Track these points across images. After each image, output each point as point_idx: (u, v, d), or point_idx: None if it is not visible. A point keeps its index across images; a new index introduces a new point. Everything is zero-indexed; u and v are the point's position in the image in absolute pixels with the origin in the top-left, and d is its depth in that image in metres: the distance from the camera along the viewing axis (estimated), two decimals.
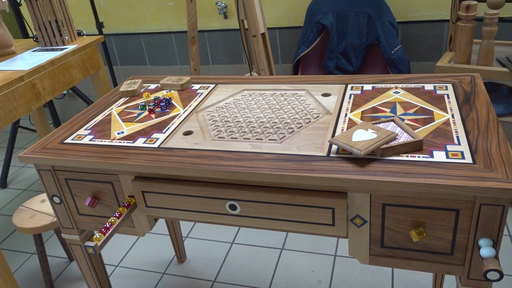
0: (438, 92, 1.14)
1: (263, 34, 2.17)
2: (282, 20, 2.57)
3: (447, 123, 0.98)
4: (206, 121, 1.15)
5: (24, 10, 2.60)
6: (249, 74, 2.36)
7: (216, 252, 1.91)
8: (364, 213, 0.90)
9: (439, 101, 1.09)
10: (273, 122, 1.09)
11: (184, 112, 1.21)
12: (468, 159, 0.85)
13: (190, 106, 1.25)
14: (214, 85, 1.38)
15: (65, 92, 3.23)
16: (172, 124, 1.15)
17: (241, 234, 2.00)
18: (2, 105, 1.58)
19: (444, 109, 1.05)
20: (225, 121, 1.13)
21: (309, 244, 1.88)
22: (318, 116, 1.10)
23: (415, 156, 0.88)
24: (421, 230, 0.86)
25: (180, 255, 1.86)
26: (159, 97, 1.31)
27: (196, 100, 1.28)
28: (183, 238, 2.01)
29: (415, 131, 0.96)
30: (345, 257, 1.79)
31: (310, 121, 1.08)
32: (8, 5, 1.91)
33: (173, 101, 1.29)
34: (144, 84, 1.45)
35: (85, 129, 1.18)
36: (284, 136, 1.02)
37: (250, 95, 1.27)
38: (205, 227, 2.07)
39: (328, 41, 2.30)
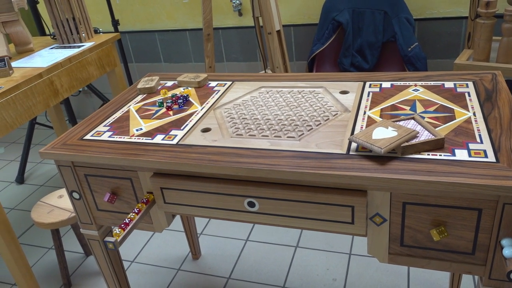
0: (459, 90, 1.12)
1: (278, 32, 2.16)
2: (297, 17, 2.56)
3: (468, 121, 0.97)
4: (224, 118, 1.15)
5: (42, 8, 2.63)
6: (263, 71, 2.35)
7: (230, 249, 1.92)
8: (384, 211, 0.89)
9: (460, 99, 1.07)
10: (291, 120, 1.09)
11: (201, 109, 1.21)
12: (491, 157, 0.84)
13: (207, 103, 1.25)
14: (230, 82, 1.38)
15: (80, 89, 3.26)
16: (190, 121, 1.15)
17: (255, 231, 2.00)
18: (21, 101, 1.60)
19: (465, 107, 1.03)
20: (242, 118, 1.13)
21: (324, 242, 1.88)
22: (337, 113, 1.09)
23: (436, 155, 0.87)
24: (442, 229, 0.85)
25: (195, 251, 1.87)
26: (176, 94, 1.31)
27: (213, 97, 1.28)
28: (198, 235, 2.02)
29: (436, 129, 0.95)
30: (360, 256, 1.78)
31: (328, 119, 1.07)
32: (26, 2, 1.93)
33: (190, 98, 1.29)
34: (161, 81, 1.46)
35: (104, 126, 1.19)
36: (303, 134, 1.02)
37: (267, 93, 1.27)
38: (220, 224, 2.08)
39: (344, 38, 2.29)
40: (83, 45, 1.98)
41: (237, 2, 2.60)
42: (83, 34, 2.04)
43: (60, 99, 1.79)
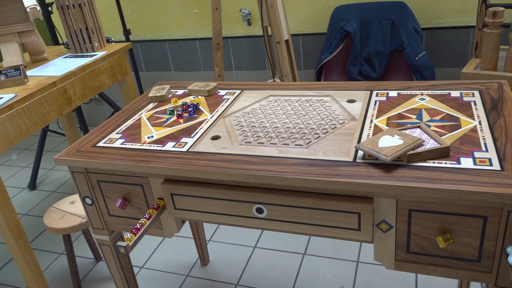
0: (465, 99, 1.13)
1: (286, 41, 2.19)
2: (305, 26, 2.59)
3: (474, 130, 0.98)
4: (233, 126, 1.17)
5: (55, 18, 2.70)
6: (272, 80, 2.38)
7: (238, 256, 1.93)
8: (390, 218, 0.91)
9: (465, 108, 1.09)
10: (299, 128, 1.11)
11: (211, 117, 1.24)
12: (496, 166, 0.85)
13: (217, 111, 1.28)
14: (239, 91, 1.40)
15: (92, 97, 3.32)
16: (200, 128, 1.18)
17: (263, 239, 2.01)
18: (36, 109, 1.64)
19: (471, 116, 1.05)
20: (251, 126, 1.16)
21: (331, 250, 1.89)
22: (344, 122, 1.11)
23: (442, 163, 0.89)
24: (447, 236, 0.86)
25: (204, 258, 1.89)
26: (187, 102, 1.34)
27: (222, 105, 1.31)
28: (206, 241, 2.04)
29: (442, 137, 0.97)
30: (368, 263, 1.79)
31: (335, 127, 1.09)
32: (41, 13, 1.99)
33: (200, 107, 1.32)
34: (171, 90, 1.49)
35: (117, 133, 1.22)
36: (310, 142, 1.04)
37: (276, 101, 1.29)
38: (228, 231, 2.09)
39: (352, 48, 2.31)
40: (95, 54, 2.02)
41: (246, 11, 2.64)
42: (96, 44, 2.08)
43: (73, 107, 1.83)
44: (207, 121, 1.22)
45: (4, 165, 3.07)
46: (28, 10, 1.89)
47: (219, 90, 1.43)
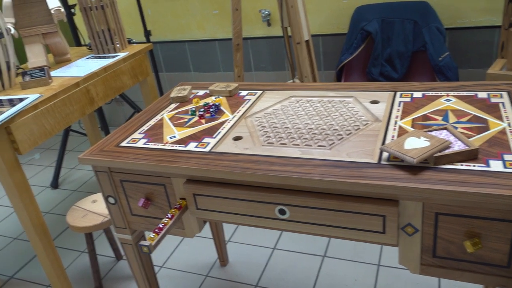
0: (493, 100, 1.11)
1: (307, 41, 2.18)
2: (325, 27, 2.58)
3: (503, 132, 0.96)
4: (255, 127, 1.17)
5: (78, 19, 2.74)
6: (291, 81, 2.37)
7: (257, 257, 1.93)
8: (416, 221, 0.89)
9: (493, 110, 1.06)
10: (321, 129, 1.10)
11: (233, 118, 1.24)
12: None
13: (238, 112, 1.28)
14: (261, 91, 1.40)
15: (113, 97, 3.36)
16: (222, 129, 1.18)
17: (283, 240, 2.00)
18: (59, 109, 1.67)
19: (500, 117, 1.02)
20: (273, 127, 1.15)
21: (352, 252, 1.87)
22: (367, 123, 1.10)
23: (470, 165, 0.87)
24: (476, 241, 0.84)
25: (223, 258, 1.89)
26: (208, 103, 1.35)
27: (244, 106, 1.31)
28: (226, 242, 2.04)
29: (469, 139, 0.95)
30: (389, 267, 1.76)
31: (359, 128, 1.08)
32: (65, 15, 2.02)
33: (222, 107, 1.32)
34: (193, 91, 1.50)
35: (139, 133, 1.23)
36: (333, 143, 1.03)
37: (297, 102, 1.28)
38: (247, 232, 2.09)
39: (373, 48, 2.28)
40: (117, 55, 2.05)
41: (266, 12, 2.63)
42: (118, 45, 2.11)
43: (95, 107, 1.85)
44: (229, 122, 1.22)
45: (27, 164, 3.13)
46: (52, 12, 1.92)
47: (240, 91, 1.43)
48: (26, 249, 2.22)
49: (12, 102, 1.57)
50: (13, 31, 1.82)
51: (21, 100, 1.58)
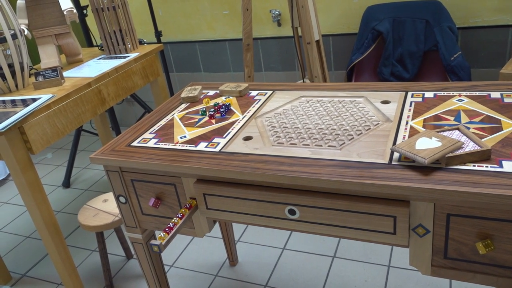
0: (506, 100, 1.09)
1: (317, 41, 2.17)
2: (336, 27, 2.57)
3: None
4: (265, 127, 1.17)
5: (90, 20, 2.77)
6: (301, 81, 2.37)
7: (267, 257, 1.93)
8: (427, 222, 0.88)
9: (507, 110, 1.05)
10: (332, 129, 1.10)
11: (243, 118, 1.24)
12: None
13: (248, 112, 1.28)
14: (271, 91, 1.40)
15: (124, 97, 3.39)
16: (232, 129, 1.18)
17: (292, 240, 2.00)
18: (71, 109, 1.69)
19: None
20: (283, 127, 1.15)
21: (362, 253, 1.86)
22: (378, 123, 1.09)
23: (482, 166, 0.86)
24: (488, 242, 0.83)
25: (232, 258, 1.90)
26: (218, 103, 1.35)
27: (254, 106, 1.31)
28: (235, 242, 2.04)
29: (482, 140, 0.94)
30: (400, 268, 1.75)
31: (370, 128, 1.07)
32: (77, 16, 2.04)
33: (232, 107, 1.32)
34: (203, 91, 1.50)
35: (150, 133, 1.24)
36: (344, 143, 1.03)
37: (308, 102, 1.28)
38: (257, 232, 2.09)
39: (384, 48, 2.27)
40: (128, 56, 2.06)
41: (276, 12, 2.63)
42: (129, 45, 2.13)
43: (106, 107, 1.87)
44: (239, 122, 1.22)
45: (39, 164, 3.17)
46: (65, 13, 1.94)
47: (250, 91, 1.43)
48: (38, 247, 2.25)
49: (25, 102, 1.59)
50: (26, 32, 1.85)
51: (34, 100, 1.60)
